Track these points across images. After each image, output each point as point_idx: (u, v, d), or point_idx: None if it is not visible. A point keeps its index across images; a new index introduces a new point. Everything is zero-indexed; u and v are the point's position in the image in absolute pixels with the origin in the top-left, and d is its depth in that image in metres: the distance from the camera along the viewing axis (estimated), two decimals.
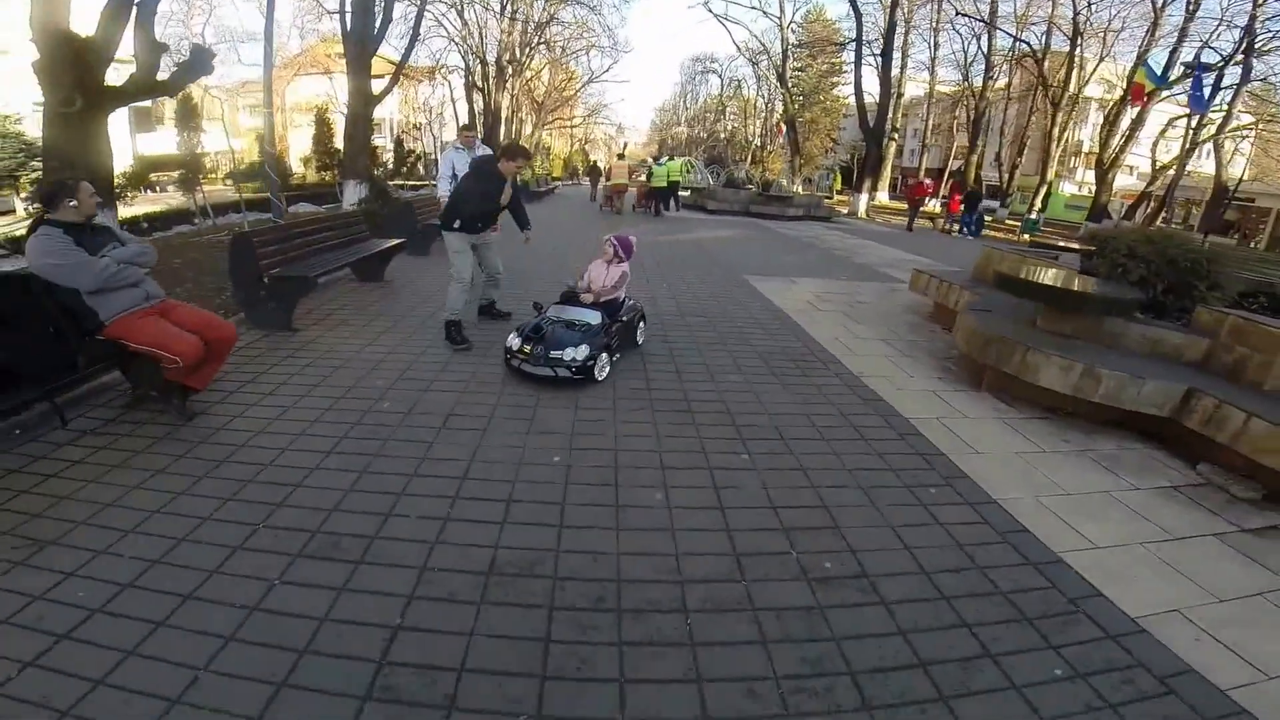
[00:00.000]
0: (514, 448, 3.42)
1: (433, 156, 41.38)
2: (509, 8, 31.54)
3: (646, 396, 4.24)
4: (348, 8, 14.14)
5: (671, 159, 23.29)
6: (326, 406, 3.79)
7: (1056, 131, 28.14)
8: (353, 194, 13.10)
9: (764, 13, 33.64)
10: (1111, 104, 26.98)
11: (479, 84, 32.93)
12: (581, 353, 4.24)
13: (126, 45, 7.11)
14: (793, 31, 37.71)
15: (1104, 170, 26.01)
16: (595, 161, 27.23)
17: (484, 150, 6.89)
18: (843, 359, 5.29)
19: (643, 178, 20.35)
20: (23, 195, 20.63)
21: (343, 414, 3.72)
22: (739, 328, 6.14)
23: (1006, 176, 34.76)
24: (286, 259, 5.40)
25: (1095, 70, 28.98)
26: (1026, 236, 20.54)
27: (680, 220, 18.14)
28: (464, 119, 39.88)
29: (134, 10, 7.00)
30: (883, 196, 32.94)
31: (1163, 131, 26.36)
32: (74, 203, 3.09)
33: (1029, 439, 3.99)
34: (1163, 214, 22.81)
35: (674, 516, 2.85)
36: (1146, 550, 2.96)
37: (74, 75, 6.66)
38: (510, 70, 33.16)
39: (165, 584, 2.27)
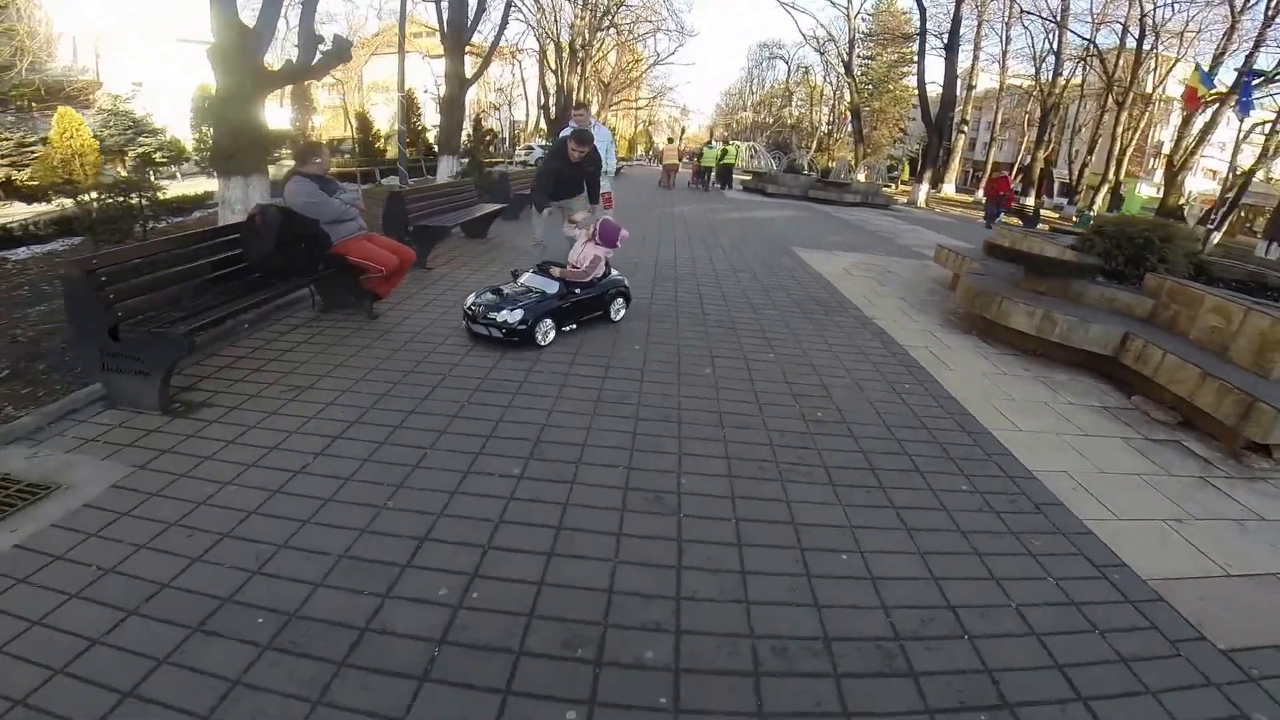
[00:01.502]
0: (607, 341, 4.87)
1: (502, 135, 43.21)
2: None
3: (701, 319, 5.64)
4: None
5: (728, 144, 25.08)
6: None
7: (1121, 131, 27.75)
8: (446, 169, 14.68)
9: (831, 2, 33.99)
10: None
11: (552, 66, 34.39)
12: (514, 316, 4.45)
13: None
14: (862, 20, 37.86)
15: (1174, 172, 25.63)
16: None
17: (601, 129, 7.46)
18: (862, 307, 6.52)
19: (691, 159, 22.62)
20: (128, 168, 22.85)
21: None
22: (780, 282, 7.44)
23: (1076, 174, 34.28)
24: (421, 214, 6.88)
25: (1170, 70, 28.40)
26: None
27: (740, 201, 19.29)
28: (533, 99, 41.73)
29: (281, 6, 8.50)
30: (949, 189, 32.95)
31: (1245, 136, 25.72)
32: (319, 160, 4.57)
33: (996, 366, 5.13)
34: (1214, 216, 22.43)
35: (717, 381, 4.24)
36: (1059, 437, 4.08)
37: (245, 61, 8.21)
38: (582, 53, 34.51)
39: (393, 406, 3.65)
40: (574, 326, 4.94)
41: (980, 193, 29.80)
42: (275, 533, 2.55)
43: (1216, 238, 20.04)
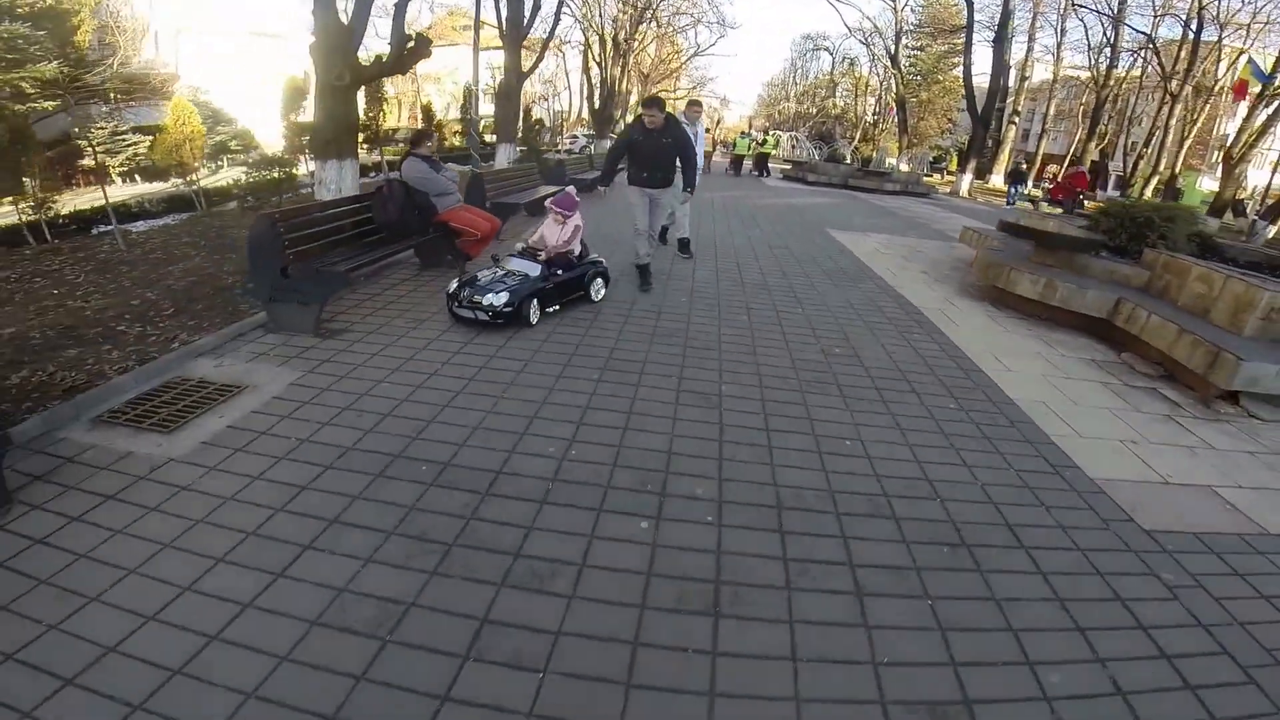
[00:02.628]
0: (658, 294, 5.81)
1: (547, 125, 44.28)
2: None
3: (740, 280, 6.51)
4: None
5: (768, 134, 26.71)
6: None
7: (1174, 123, 27.19)
8: (504, 155, 15.69)
9: None
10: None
11: (597, 59, 35.21)
12: (500, 299, 4.60)
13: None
14: (911, 12, 37.69)
15: (1232, 165, 25.07)
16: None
17: (700, 128, 7.47)
18: (885, 278, 7.27)
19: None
20: (206, 153, 24.51)
21: None
22: (812, 256, 8.27)
23: (1131, 167, 33.61)
24: (496, 193, 7.87)
25: (1234, 62, 27.65)
26: None
27: (780, 188, 19.95)
28: (576, 90, 42.82)
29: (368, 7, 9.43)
30: (997, 180, 32.56)
31: None
32: (430, 143, 5.54)
33: (1000, 325, 5.85)
34: (1260, 208, 21.91)
35: (752, 325, 5.11)
36: (1045, 378, 4.80)
37: (342, 56, 9.20)
38: (624, 46, 35.21)
39: (495, 334, 4.60)
40: (557, 307, 5.11)
41: (1046, 183, 29.41)
42: (424, 412, 3.50)
43: (1271, 231, 19.74)
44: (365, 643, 2.06)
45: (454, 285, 4.85)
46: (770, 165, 26.55)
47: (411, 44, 9.03)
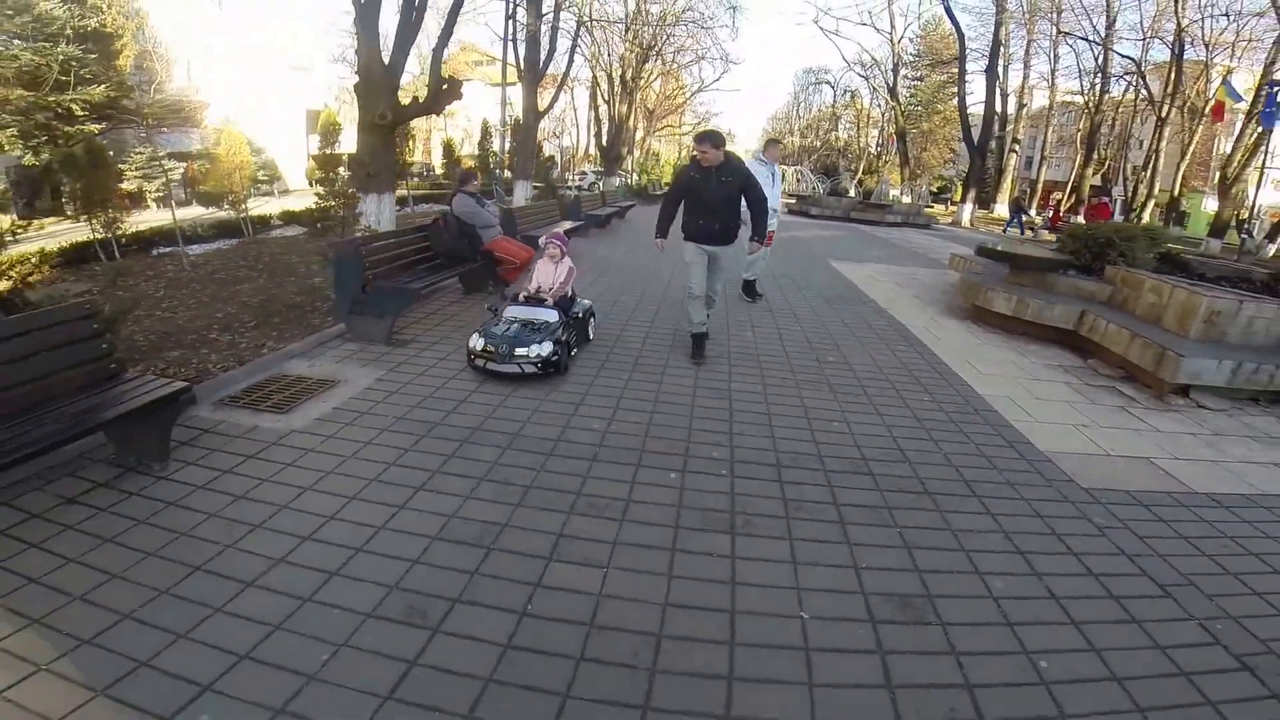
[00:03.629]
0: (673, 317, 6.50)
1: (556, 162, 45.66)
2: (629, 30, 34.66)
3: (744, 305, 7.30)
4: (518, 37, 17.68)
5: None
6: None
7: (1164, 144, 27.90)
8: (521, 192, 16.71)
9: (875, 29, 35.14)
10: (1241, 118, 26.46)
11: (605, 97, 36.56)
12: (545, 349, 4.53)
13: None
14: (910, 42, 38.90)
15: (1228, 185, 25.60)
16: None
17: (773, 167, 7.00)
18: (879, 300, 8.09)
19: None
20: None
21: None
22: (814, 284, 9.11)
23: (1132, 191, 34.27)
24: (525, 228, 8.78)
25: (1223, 81, 28.48)
26: None
27: (784, 221, 20.42)
28: (584, 126, 44.29)
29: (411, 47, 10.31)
30: (1002, 209, 32.97)
31: None
32: (476, 182, 6.44)
33: (979, 340, 6.62)
34: (1249, 226, 22.39)
35: (757, 342, 5.91)
36: (1013, 378, 5.54)
37: (386, 95, 10.01)
38: (631, 84, 36.60)
39: None
40: (576, 350, 5.08)
41: (1048, 211, 29.98)
42: (492, 399, 4.29)
43: (1271, 249, 20.34)
44: (474, 550, 2.78)
45: (479, 343, 4.64)
46: None
47: (445, 86, 10.02)
